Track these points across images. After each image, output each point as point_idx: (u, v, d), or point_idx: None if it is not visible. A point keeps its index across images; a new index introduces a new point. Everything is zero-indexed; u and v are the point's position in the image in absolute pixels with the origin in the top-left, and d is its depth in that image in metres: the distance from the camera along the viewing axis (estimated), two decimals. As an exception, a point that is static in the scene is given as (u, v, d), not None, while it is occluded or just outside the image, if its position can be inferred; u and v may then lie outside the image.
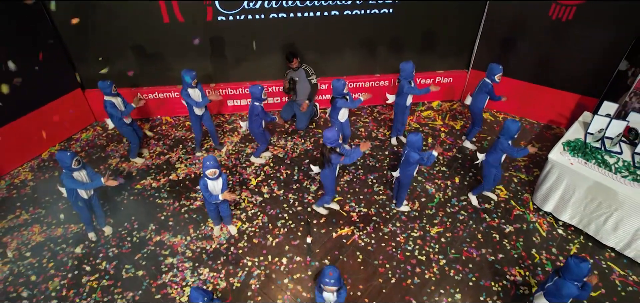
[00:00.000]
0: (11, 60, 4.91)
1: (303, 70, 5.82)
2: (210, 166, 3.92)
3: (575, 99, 5.87)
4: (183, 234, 4.73)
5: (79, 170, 3.97)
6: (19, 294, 4.09)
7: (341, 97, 5.07)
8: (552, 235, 4.67)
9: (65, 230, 4.78)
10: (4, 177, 5.49)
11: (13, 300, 4.04)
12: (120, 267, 4.37)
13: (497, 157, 4.46)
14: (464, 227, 4.78)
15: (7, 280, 4.23)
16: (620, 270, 4.27)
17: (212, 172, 3.94)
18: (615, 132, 4.61)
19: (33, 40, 5.33)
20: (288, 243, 4.63)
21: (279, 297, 4.07)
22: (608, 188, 4.17)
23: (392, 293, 4.11)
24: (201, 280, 4.22)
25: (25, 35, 5.24)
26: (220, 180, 4.09)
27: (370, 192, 5.26)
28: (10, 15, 5.05)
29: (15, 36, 5.14)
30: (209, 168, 3.92)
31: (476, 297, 4.05)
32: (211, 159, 3.92)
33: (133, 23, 5.57)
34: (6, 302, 4.03)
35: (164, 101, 6.45)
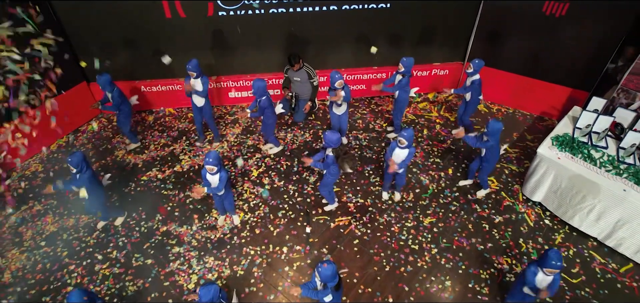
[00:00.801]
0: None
1: (305, 72, 5.93)
2: (209, 163, 4.10)
3: (566, 92, 6.04)
4: (188, 224, 4.98)
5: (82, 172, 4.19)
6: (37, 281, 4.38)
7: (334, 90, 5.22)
8: (539, 225, 4.92)
9: (77, 220, 5.04)
10: (15, 169, 5.71)
11: (32, 287, 4.32)
12: (130, 256, 4.64)
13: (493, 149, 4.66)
14: (456, 217, 5.03)
15: (24, 269, 4.50)
16: (601, 258, 4.54)
17: (210, 168, 4.14)
18: (602, 127, 4.80)
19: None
20: (288, 233, 4.89)
21: (280, 284, 4.35)
22: (591, 182, 4.39)
23: (386, 280, 4.38)
24: (207, 268, 4.49)
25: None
26: (217, 176, 4.29)
27: (366, 183, 5.49)
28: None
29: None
30: (208, 164, 4.11)
31: (465, 284, 4.33)
32: (212, 155, 4.10)
33: (136, 18, 5.68)
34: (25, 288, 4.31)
35: (167, 93, 6.61)
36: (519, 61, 6.18)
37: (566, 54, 5.74)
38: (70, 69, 5.89)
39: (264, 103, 5.22)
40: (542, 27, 5.70)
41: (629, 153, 4.58)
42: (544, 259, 3.25)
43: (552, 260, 3.20)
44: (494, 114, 6.62)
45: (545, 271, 3.24)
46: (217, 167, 4.16)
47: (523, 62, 6.16)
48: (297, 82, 5.97)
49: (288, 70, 5.94)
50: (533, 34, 5.83)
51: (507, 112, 6.67)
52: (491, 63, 6.24)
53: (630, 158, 4.56)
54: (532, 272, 3.35)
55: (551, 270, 3.19)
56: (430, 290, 4.28)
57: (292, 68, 5.80)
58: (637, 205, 4.15)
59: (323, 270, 3.16)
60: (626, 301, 4.15)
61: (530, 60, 6.09)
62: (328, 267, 3.16)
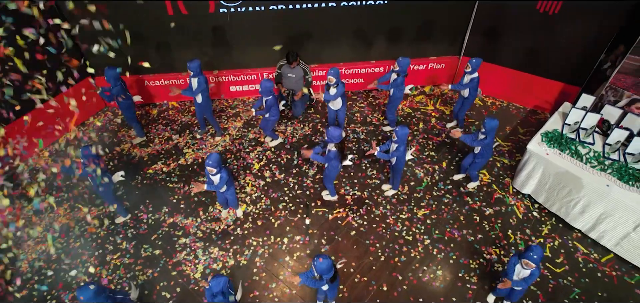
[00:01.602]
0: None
1: (301, 69, 6.07)
2: (210, 165, 4.31)
3: (559, 87, 6.21)
4: (193, 216, 5.23)
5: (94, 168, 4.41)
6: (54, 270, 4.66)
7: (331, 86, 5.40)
8: (527, 217, 5.17)
9: (89, 210, 5.29)
10: (26, 162, 5.93)
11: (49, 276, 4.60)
12: (139, 247, 4.91)
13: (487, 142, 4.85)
14: (448, 209, 5.27)
15: (39, 259, 4.78)
16: (584, 248, 4.80)
17: (210, 169, 4.36)
18: (590, 124, 5.00)
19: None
20: (289, 224, 5.14)
21: (281, 273, 4.62)
22: (577, 177, 4.62)
23: (381, 270, 4.65)
24: (212, 259, 4.76)
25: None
26: (218, 176, 4.50)
27: (364, 176, 5.72)
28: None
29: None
30: (208, 166, 4.31)
31: (455, 274, 4.60)
32: (212, 158, 4.31)
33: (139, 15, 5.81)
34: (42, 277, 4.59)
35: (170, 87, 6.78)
36: (513, 56, 6.33)
37: (559, 50, 5.88)
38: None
39: (270, 102, 5.42)
40: (536, 23, 5.83)
41: (614, 150, 4.79)
42: (525, 251, 3.50)
43: (531, 253, 3.45)
44: (489, 107, 6.80)
45: (522, 263, 3.49)
46: (216, 168, 4.36)
47: (517, 57, 6.31)
48: (291, 79, 6.12)
49: (282, 67, 6.09)
50: (527, 30, 5.96)
51: (501, 105, 6.85)
52: (486, 57, 6.37)
53: (615, 155, 4.77)
54: (513, 263, 3.61)
55: (527, 263, 3.44)
56: (423, 279, 4.56)
57: (290, 65, 5.95)
58: (618, 200, 4.38)
59: (319, 264, 3.40)
60: (605, 289, 4.42)
61: (524, 56, 6.24)
62: (323, 262, 3.40)
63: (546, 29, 5.79)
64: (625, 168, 4.58)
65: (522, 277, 3.62)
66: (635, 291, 4.39)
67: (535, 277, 3.56)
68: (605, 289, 4.43)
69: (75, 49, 6.09)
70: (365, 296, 4.40)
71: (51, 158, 6.08)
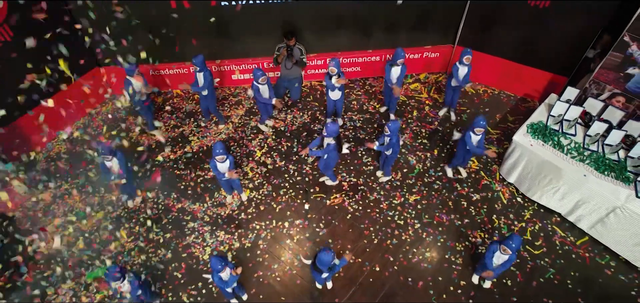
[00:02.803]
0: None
1: (297, 48, 6.31)
2: (219, 153, 4.69)
3: (548, 77, 6.48)
4: (201, 202, 5.61)
5: (110, 161, 4.74)
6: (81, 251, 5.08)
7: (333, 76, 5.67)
8: (511, 203, 5.55)
9: (100, 197, 5.67)
10: (41, 150, 6.26)
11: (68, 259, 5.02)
12: (150, 231, 5.31)
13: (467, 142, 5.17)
14: (438, 195, 5.65)
15: (61, 242, 5.18)
16: (562, 232, 5.20)
17: (220, 158, 4.72)
18: (573, 116, 5.30)
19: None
20: (289, 210, 5.53)
21: (283, 255, 5.04)
22: (557, 168, 4.97)
23: (374, 252, 5.07)
24: (219, 241, 5.17)
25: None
26: (227, 162, 4.87)
27: (359, 163, 6.06)
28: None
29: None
30: (218, 154, 4.69)
31: (442, 256, 5.02)
32: (220, 146, 4.67)
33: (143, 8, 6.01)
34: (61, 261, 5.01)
35: (175, 76, 7.03)
36: (505, 46, 6.57)
37: (548, 42, 6.11)
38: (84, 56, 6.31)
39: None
40: (527, 16, 6.03)
41: (593, 141, 5.12)
42: (505, 239, 3.89)
43: (510, 241, 3.84)
44: (481, 95, 7.07)
45: (501, 249, 3.88)
46: (225, 155, 4.73)
47: (509, 48, 6.55)
48: (288, 71, 6.35)
49: (281, 47, 6.26)
50: (518, 22, 6.17)
51: (493, 93, 7.12)
52: (479, 47, 6.65)
53: (594, 146, 5.10)
54: (492, 250, 4.01)
55: (505, 249, 3.83)
56: (412, 261, 4.98)
57: (289, 42, 6.11)
58: (594, 189, 4.74)
59: (324, 255, 3.82)
60: (578, 269, 4.85)
61: (515, 46, 6.48)
62: (329, 254, 3.84)
63: (537, 22, 6.01)
64: (602, 159, 4.92)
65: (501, 262, 4.02)
66: (605, 271, 4.83)
67: (512, 262, 3.97)
68: (578, 269, 4.86)
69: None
70: (359, 276, 4.84)
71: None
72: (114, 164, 4.81)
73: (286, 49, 6.15)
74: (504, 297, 4.66)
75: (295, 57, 6.16)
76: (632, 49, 4.78)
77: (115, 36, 4.86)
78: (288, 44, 6.19)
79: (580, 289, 4.68)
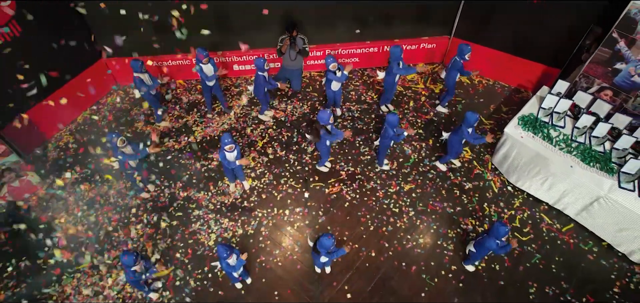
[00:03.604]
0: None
1: (300, 38, 6.47)
2: (228, 142, 4.93)
3: (541, 69, 6.65)
4: (205, 190, 5.87)
5: (125, 147, 4.97)
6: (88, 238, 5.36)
7: (332, 72, 5.86)
8: (502, 191, 5.81)
9: (110, 186, 5.92)
10: (49, 141, 6.49)
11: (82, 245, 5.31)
12: (158, 218, 5.58)
13: (459, 137, 5.39)
14: (432, 184, 5.90)
15: (76, 228, 5.47)
16: (549, 219, 5.48)
17: (229, 147, 4.97)
18: (562, 108, 5.51)
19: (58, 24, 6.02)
20: (290, 198, 5.79)
21: (284, 241, 5.33)
22: (545, 158, 5.20)
23: (370, 238, 5.35)
24: (223, 228, 5.45)
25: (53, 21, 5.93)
26: (235, 151, 5.11)
27: (357, 153, 6.29)
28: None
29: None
30: (227, 144, 4.93)
31: (435, 242, 5.30)
32: (228, 137, 4.92)
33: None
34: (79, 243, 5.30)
35: (178, 67, 7.20)
36: (500, 38, 6.71)
37: (542, 35, 6.27)
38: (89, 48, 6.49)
39: (258, 78, 5.94)
40: (521, 10, 6.17)
41: (581, 133, 5.34)
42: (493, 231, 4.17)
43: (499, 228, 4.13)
44: (476, 85, 7.25)
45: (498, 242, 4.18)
46: (234, 144, 5.00)
47: (504, 40, 6.69)
48: (291, 62, 6.51)
49: (285, 52, 6.42)
50: (513, 15, 6.31)
51: (488, 83, 7.30)
52: (475, 39, 6.80)
53: (582, 138, 5.33)
54: (491, 242, 4.28)
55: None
56: (406, 246, 5.26)
57: (291, 34, 6.26)
58: (579, 179, 4.99)
59: (325, 240, 4.11)
60: (562, 254, 5.14)
61: (510, 39, 6.62)
62: (330, 239, 4.13)
63: (531, 15, 6.14)
64: (588, 151, 5.15)
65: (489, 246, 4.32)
66: (587, 256, 5.12)
67: (490, 249, 4.27)
68: (562, 254, 5.15)
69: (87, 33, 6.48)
70: (356, 261, 5.13)
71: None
72: (127, 151, 5.03)
73: (289, 39, 6.30)
74: (492, 280, 4.96)
75: (298, 46, 6.32)
76: (619, 46, 4.95)
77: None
78: (291, 35, 6.33)
79: (563, 273, 4.98)
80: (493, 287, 4.92)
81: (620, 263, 5.04)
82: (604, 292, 4.83)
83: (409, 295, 4.87)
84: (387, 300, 4.83)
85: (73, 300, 4.87)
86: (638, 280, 4.88)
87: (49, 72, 5.59)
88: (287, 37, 6.25)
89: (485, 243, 4.27)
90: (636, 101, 5.16)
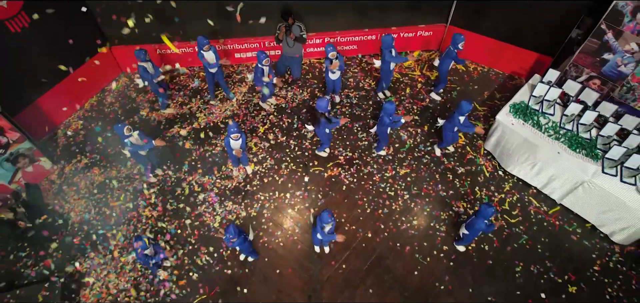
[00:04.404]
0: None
1: (297, 26, 6.63)
2: (234, 131, 5.18)
3: (534, 56, 6.83)
4: (209, 175, 6.14)
5: (131, 136, 5.21)
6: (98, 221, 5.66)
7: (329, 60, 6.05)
8: (493, 176, 6.08)
9: (118, 171, 6.19)
10: (59, 127, 6.73)
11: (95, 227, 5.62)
12: (165, 201, 5.87)
13: (453, 125, 5.62)
14: (427, 168, 6.17)
15: (86, 211, 5.77)
16: (537, 202, 5.77)
17: (235, 136, 5.22)
18: (552, 96, 5.73)
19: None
20: (290, 182, 6.06)
21: (285, 223, 5.63)
22: (534, 145, 5.46)
23: (367, 220, 5.65)
24: (227, 211, 5.74)
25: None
26: (240, 139, 5.36)
27: (355, 139, 6.54)
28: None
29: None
30: (233, 133, 5.18)
31: (428, 224, 5.61)
32: (235, 126, 5.16)
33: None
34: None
35: (181, 54, 7.38)
36: (495, 26, 6.87)
37: (536, 24, 6.43)
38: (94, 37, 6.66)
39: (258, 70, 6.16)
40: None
41: (569, 120, 5.58)
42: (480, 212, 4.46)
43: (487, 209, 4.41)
44: (471, 72, 7.44)
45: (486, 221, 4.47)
46: (239, 133, 5.24)
47: (498, 28, 6.85)
48: (290, 49, 6.69)
49: (283, 39, 6.59)
50: (508, 4, 6.46)
51: (482, 70, 7.49)
52: (470, 27, 6.97)
53: (570, 125, 5.57)
54: (480, 222, 4.57)
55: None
56: (401, 228, 5.57)
57: (287, 20, 6.44)
58: (565, 165, 5.26)
59: (325, 215, 4.44)
60: (548, 235, 5.45)
61: (504, 27, 6.79)
62: (331, 218, 4.45)
63: (524, 4, 6.30)
64: (575, 138, 5.41)
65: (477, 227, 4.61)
66: (571, 236, 5.43)
67: (480, 230, 4.55)
68: (548, 235, 5.46)
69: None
70: (353, 241, 5.44)
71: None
72: (134, 138, 5.27)
73: (284, 26, 6.47)
74: (481, 260, 5.29)
75: (294, 34, 6.49)
76: (607, 37, 5.15)
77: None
78: (287, 23, 6.49)
79: (548, 253, 5.30)
80: (482, 266, 5.25)
81: (601, 244, 5.35)
82: (585, 270, 5.16)
83: (402, 274, 5.20)
84: (382, 278, 5.16)
85: (88, 279, 5.21)
86: (617, 259, 5.20)
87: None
88: (284, 24, 6.42)
89: (475, 224, 4.56)
90: (622, 90, 5.37)
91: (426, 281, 5.15)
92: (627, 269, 5.14)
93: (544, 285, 5.07)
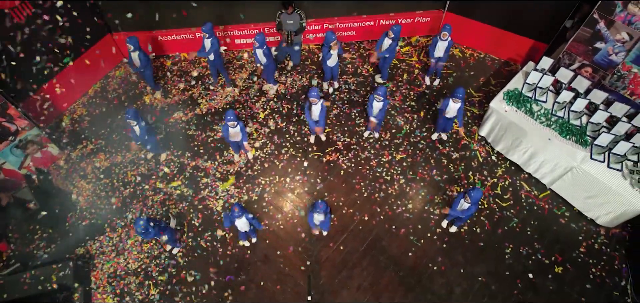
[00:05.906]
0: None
1: (297, 14, 6.72)
2: (231, 119, 5.34)
3: (529, 43, 6.93)
4: (212, 160, 6.34)
5: (136, 125, 5.40)
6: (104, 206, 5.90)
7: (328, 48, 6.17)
8: (486, 161, 6.27)
9: (123, 156, 6.39)
10: (64, 113, 6.89)
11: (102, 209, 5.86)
12: (169, 186, 6.08)
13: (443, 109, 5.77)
14: (422, 154, 6.36)
15: (93, 195, 6.00)
16: (528, 187, 5.98)
17: (232, 124, 5.38)
18: (545, 84, 5.88)
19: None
20: (290, 167, 6.27)
21: (285, 206, 5.86)
22: (525, 131, 5.64)
23: (364, 204, 5.88)
24: (229, 195, 5.97)
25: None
26: (238, 127, 5.53)
27: (353, 124, 6.71)
28: None
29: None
30: (229, 121, 5.34)
31: (422, 207, 5.84)
32: (231, 114, 5.32)
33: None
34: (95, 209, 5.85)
35: (182, 41, 7.47)
36: (491, 13, 6.94)
37: (531, 11, 6.51)
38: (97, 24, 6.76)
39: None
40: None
41: (561, 108, 5.74)
42: (467, 191, 4.66)
43: (471, 192, 4.60)
44: (467, 58, 7.55)
45: (465, 199, 4.66)
46: (236, 121, 5.39)
47: (495, 14, 6.93)
48: (290, 24, 6.79)
49: (281, 14, 6.70)
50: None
51: (479, 56, 7.59)
52: (467, 14, 7.05)
53: (561, 112, 5.73)
54: (459, 198, 4.79)
55: (467, 200, 4.62)
56: (396, 211, 5.80)
57: (286, 11, 6.56)
58: (556, 151, 5.45)
59: (316, 205, 4.62)
60: (538, 219, 5.68)
61: (501, 13, 6.86)
62: (322, 206, 4.65)
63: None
64: (566, 124, 5.58)
65: (461, 208, 4.81)
66: (559, 220, 5.67)
67: (472, 212, 4.77)
68: (537, 219, 5.70)
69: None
70: (350, 224, 5.69)
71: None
72: (137, 128, 5.46)
73: (286, 33, 6.71)
74: (472, 242, 5.54)
75: (291, 31, 6.66)
76: (600, 26, 5.26)
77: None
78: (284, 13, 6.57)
79: (537, 235, 5.55)
80: (473, 248, 5.50)
81: (588, 227, 5.60)
82: (571, 251, 5.42)
83: (397, 254, 5.46)
84: (378, 259, 5.42)
85: (98, 260, 5.48)
86: (602, 241, 5.45)
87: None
88: (285, 32, 6.61)
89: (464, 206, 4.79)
90: (613, 78, 5.51)
91: (420, 262, 5.42)
92: (611, 250, 5.40)
93: (532, 266, 5.34)
